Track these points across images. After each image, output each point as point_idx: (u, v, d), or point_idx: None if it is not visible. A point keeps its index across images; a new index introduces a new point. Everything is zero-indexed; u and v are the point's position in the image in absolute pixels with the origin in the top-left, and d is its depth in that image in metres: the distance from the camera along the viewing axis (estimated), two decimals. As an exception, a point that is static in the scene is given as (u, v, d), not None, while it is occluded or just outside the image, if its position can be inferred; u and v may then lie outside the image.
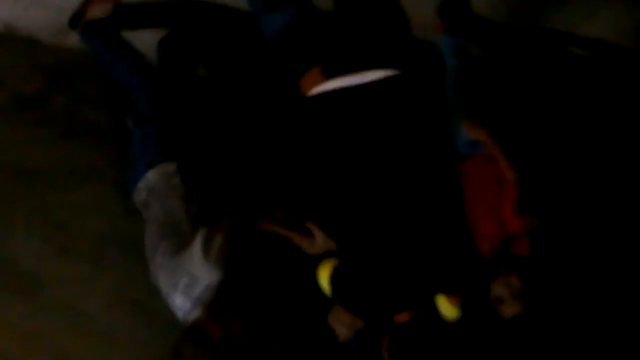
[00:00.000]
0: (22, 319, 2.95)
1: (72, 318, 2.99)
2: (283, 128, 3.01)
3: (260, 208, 2.86)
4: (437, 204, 2.52)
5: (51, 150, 3.20)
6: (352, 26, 2.58)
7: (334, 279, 2.63)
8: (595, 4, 3.40)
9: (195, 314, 2.68)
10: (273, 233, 2.71)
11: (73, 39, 3.22)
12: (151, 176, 2.89)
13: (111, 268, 3.08)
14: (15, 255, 3.02)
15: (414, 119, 2.49)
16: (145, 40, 3.21)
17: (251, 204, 2.96)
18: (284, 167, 3.08)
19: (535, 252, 2.88)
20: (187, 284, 2.70)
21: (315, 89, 2.45)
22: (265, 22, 2.61)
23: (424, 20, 3.18)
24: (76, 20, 3.10)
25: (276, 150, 3.20)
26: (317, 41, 2.52)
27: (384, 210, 2.48)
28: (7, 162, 3.14)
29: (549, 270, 2.96)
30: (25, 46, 3.34)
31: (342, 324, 2.79)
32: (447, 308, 2.79)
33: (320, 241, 2.65)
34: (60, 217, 3.10)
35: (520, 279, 2.81)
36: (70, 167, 3.19)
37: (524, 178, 2.93)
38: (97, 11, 3.05)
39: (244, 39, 3.38)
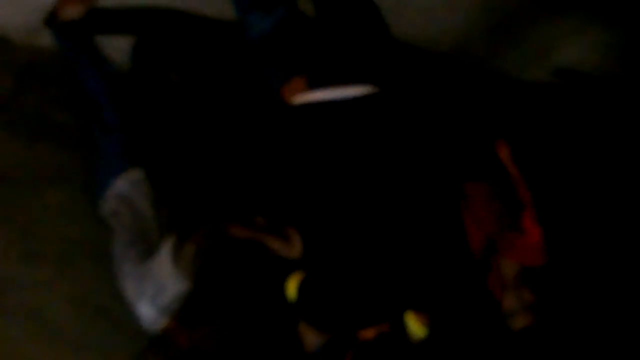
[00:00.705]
0: (-15, 323, 2.89)
1: (36, 323, 2.94)
2: (260, 134, 3.00)
3: (232, 216, 2.85)
4: (410, 221, 2.53)
5: (19, 152, 3.14)
6: (337, 38, 2.57)
7: (299, 291, 2.61)
8: (578, 23, 3.42)
9: (162, 323, 2.66)
10: (246, 240, 2.70)
11: (45, 39, 3.17)
12: (119, 184, 2.87)
13: (77, 273, 3.03)
14: (-22, 258, 2.96)
15: (393, 135, 2.50)
16: (118, 46, 3.20)
17: (223, 212, 2.95)
18: (259, 174, 3.07)
19: (548, 264, 2.90)
20: (154, 293, 2.68)
21: (298, 98, 2.47)
22: (251, 22, 2.60)
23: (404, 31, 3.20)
24: (51, 19, 3.05)
25: (252, 157, 3.17)
26: (302, 49, 2.53)
27: (356, 224, 2.48)
28: (-27, 163, 3.09)
29: (561, 283, 2.99)
30: (-4, 45, 3.30)
31: (309, 335, 2.78)
32: (414, 326, 2.78)
33: (299, 245, 2.64)
34: (26, 220, 3.04)
35: (531, 292, 2.83)
36: (38, 169, 3.13)
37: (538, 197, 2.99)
38: (70, 12, 3.00)
39: (217, 47, 3.37)
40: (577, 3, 3.35)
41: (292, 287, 2.66)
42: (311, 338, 2.76)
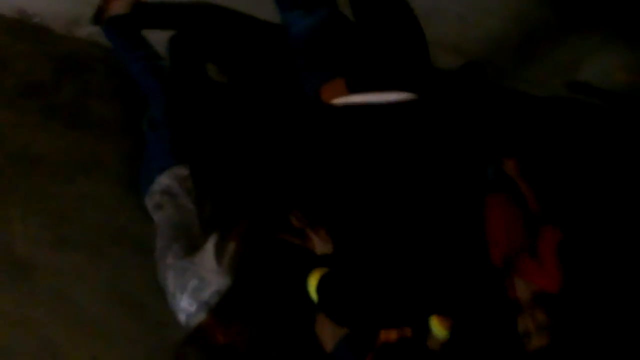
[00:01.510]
0: (12, 305, 2.93)
1: (63, 308, 2.97)
2: (299, 134, 3.03)
3: (272, 213, 2.89)
4: (443, 228, 2.55)
5: (56, 140, 3.19)
6: (378, 42, 2.59)
7: (320, 286, 2.62)
8: (603, 40, 3.45)
9: (200, 317, 2.69)
10: (285, 241, 2.74)
11: (85, 30, 3.23)
12: (165, 179, 2.91)
13: (106, 261, 3.06)
14: (10, 240, 3.00)
15: (429, 143, 2.52)
16: (160, 38, 3.21)
17: (264, 210, 2.98)
18: (297, 173, 3.10)
19: (563, 288, 2.94)
20: (196, 287, 2.71)
21: (337, 99, 2.48)
22: (292, 20, 2.61)
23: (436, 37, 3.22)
24: (99, 15, 3.10)
25: (290, 156, 3.21)
26: (343, 51, 2.53)
27: (386, 226, 2.51)
28: (11, 148, 3.13)
29: (575, 306, 3.02)
30: (37, 34, 3.33)
31: (325, 333, 2.81)
32: (438, 327, 2.81)
33: (330, 244, 2.69)
34: (60, 206, 3.09)
35: (546, 313, 2.89)
36: (74, 157, 3.18)
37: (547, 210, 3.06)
38: (117, 7, 3.05)
39: (256, 43, 3.41)
40: (603, 21, 3.37)
41: (312, 283, 2.70)
42: (328, 334, 2.80)
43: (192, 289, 2.70)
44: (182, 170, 2.92)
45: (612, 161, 3.50)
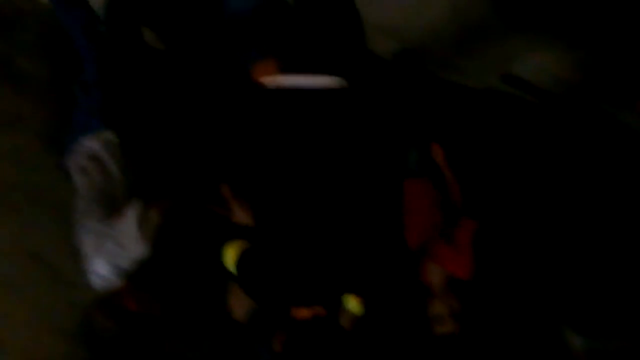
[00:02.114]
0: None
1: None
2: (228, 108, 3.03)
3: (198, 185, 2.89)
4: (361, 210, 2.58)
5: (-23, 93, 3.14)
6: (314, 27, 2.60)
7: (241, 260, 2.66)
8: (540, 37, 3.51)
9: (114, 282, 2.70)
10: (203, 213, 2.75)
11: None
12: (91, 143, 2.88)
13: (17, 217, 3.02)
14: None
15: (353, 127, 2.55)
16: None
17: (188, 181, 2.98)
18: (225, 146, 3.10)
19: (476, 275, 2.97)
20: (113, 252, 2.71)
21: (268, 79, 2.51)
22: None
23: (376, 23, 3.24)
24: None
25: (219, 129, 3.21)
26: (279, 31, 2.57)
27: (306, 206, 2.53)
28: None
29: (487, 295, 3.08)
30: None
31: (238, 304, 2.83)
32: (353, 303, 2.84)
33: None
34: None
35: (456, 300, 2.93)
36: (-5, 112, 3.13)
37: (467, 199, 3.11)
38: None
39: (194, 13, 3.39)
40: (537, 18, 3.44)
41: (230, 254, 2.71)
42: (241, 306, 2.81)
43: (109, 254, 2.71)
44: (109, 135, 2.90)
45: (539, 157, 3.54)
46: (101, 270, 2.71)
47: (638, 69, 3.53)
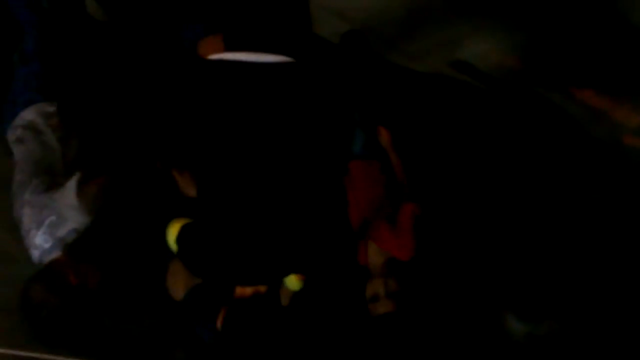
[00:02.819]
0: None
1: None
2: (172, 83, 3.01)
3: (136, 158, 2.88)
4: (303, 190, 2.61)
5: None
6: (261, 2, 2.60)
7: (181, 235, 2.69)
8: (485, 22, 3.60)
9: (54, 254, 2.69)
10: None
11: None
12: (29, 114, 2.86)
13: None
14: None
15: (295, 106, 2.57)
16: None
17: (129, 153, 2.96)
18: (167, 119, 3.09)
19: (416, 256, 3.02)
20: (53, 223, 2.69)
21: (213, 55, 2.50)
22: None
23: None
24: None
25: (160, 103, 3.19)
26: (225, 7, 2.56)
27: (252, 182, 2.55)
28: None
29: (427, 276, 3.10)
30: None
31: (177, 282, 2.86)
32: (292, 279, 2.88)
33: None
34: None
35: (396, 281, 2.96)
36: None
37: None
38: None
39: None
40: (484, 3, 3.53)
41: (173, 231, 2.73)
42: (180, 283, 2.83)
43: (49, 225, 2.69)
44: (49, 107, 2.88)
45: (481, 142, 3.60)
46: (42, 243, 2.70)
47: (577, 55, 3.64)
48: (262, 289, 2.70)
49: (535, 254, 3.29)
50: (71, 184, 2.70)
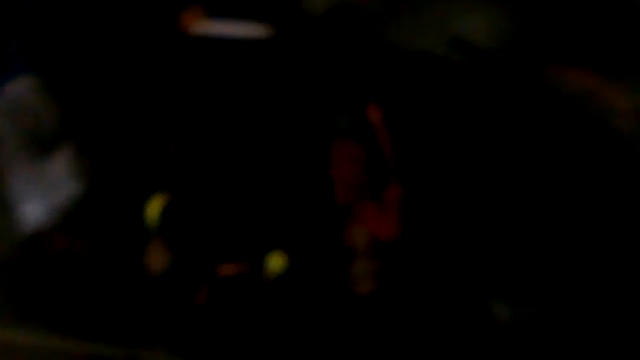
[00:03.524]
0: None
1: None
2: (154, 57, 3.00)
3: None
4: (287, 167, 2.62)
5: None
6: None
7: (165, 212, 2.73)
8: (468, 2, 3.57)
9: (45, 223, 2.75)
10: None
11: None
12: (18, 87, 2.89)
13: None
14: None
15: (278, 80, 2.58)
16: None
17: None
18: (151, 91, 3.08)
19: (402, 237, 3.02)
20: (45, 193, 2.75)
21: (195, 28, 2.57)
22: None
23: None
24: None
25: (144, 75, 3.17)
26: None
27: (235, 157, 2.57)
28: None
29: (411, 258, 3.11)
30: None
31: (156, 258, 2.86)
32: (274, 261, 2.88)
33: None
34: None
35: (380, 261, 2.99)
36: None
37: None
38: None
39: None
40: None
41: (153, 207, 2.75)
42: (158, 260, 2.84)
43: (42, 195, 2.76)
44: (36, 79, 2.92)
45: (470, 121, 3.59)
46: (33, 212, 2.76)
47: (568, 35, 3.62)
48: (246, 267, 2.71)
49: (522, 236, 3.29)
50: (61, 154, 2.76)
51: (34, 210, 2.75)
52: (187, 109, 2.62)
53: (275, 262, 2.90)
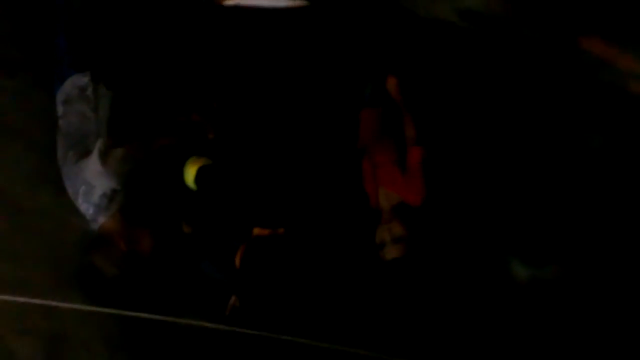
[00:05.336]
0: None
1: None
2: (195, 34, 3.05)
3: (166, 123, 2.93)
4: (317, 135, 2.66)
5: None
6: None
7: (201, 175, 2.78)
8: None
9: (100, 220, 2.81)
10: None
11: None
12: (65, 88, 2.96)
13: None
14: None
15: (312, 49, 2.61)
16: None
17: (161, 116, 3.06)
18: (193, 70, 3.15)
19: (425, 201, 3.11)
20: (85, 192, 2.80)
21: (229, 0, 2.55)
22: None
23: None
24: None
25: (188, 56, 3.24)
26: None
27: (269, 126, 2.61)
28: None
29: (434, 221, 3.21)
30: None
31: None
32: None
33: None
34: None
35: (402, 226, 3.07)
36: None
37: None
38: None
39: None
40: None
41: (191, 170, 2.83)
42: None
43: (83, 194, 2.82)
44: (82, 79, 2.98)
45: (488, 88, 3.64)
46: (85, 211, 2.82)
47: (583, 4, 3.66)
48: (280, 230, 2.78)
49: (540, 199, 3.38)
50: (95, 151, 2.80)
51: (86, 207, 2.77)
52: (223, 81, 2.64)
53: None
